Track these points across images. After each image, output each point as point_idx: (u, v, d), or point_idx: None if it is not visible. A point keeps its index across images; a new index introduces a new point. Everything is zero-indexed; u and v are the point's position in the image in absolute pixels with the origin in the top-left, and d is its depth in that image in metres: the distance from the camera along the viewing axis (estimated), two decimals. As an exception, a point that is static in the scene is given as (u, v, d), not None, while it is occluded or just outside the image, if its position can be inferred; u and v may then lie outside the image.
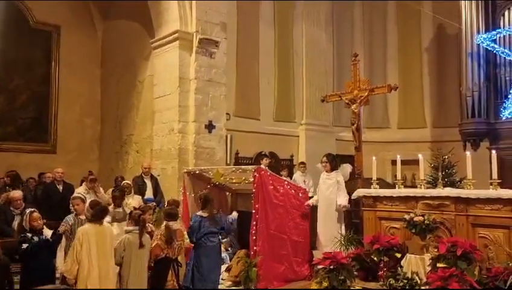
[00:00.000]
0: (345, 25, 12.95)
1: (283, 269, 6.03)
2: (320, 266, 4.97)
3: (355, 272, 5.11)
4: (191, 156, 8.53)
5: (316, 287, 4.78)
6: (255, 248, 5.74)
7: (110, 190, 7.06)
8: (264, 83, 11.28)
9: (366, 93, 6.76)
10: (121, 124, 10.62)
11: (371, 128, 12.34)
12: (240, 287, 5.54)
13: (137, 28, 9.91)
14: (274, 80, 11.61)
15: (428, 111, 12.75)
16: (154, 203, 7.00)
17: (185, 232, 5.37)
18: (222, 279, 5.71)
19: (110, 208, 5.97)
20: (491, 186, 4.90)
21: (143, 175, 8.01)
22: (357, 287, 4.85)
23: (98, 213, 4.60)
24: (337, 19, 12.80)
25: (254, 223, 5.85)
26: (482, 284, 4.31)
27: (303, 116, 11.90)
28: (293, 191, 6.58)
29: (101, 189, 7.06)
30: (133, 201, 6.85)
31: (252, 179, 6.05)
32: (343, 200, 6.33)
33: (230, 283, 5.75)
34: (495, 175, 4.95)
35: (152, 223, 5.52)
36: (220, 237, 5.75)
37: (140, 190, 7.69)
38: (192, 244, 5.40)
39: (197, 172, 6.95)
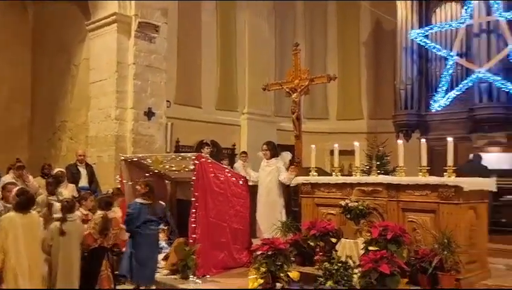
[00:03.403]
0: (287, 16, 13.09)
1: (222, 256, 6.04)
2: (258, 252, 5.01)
3: (292, 258, 5.23)
4: (128, 144, 8.29)
5: (253, 273, 4.82)
6: (194, 235, 5.69)
7: (38, 178, 6.73)
8: (206, 71, 11.17)
9: (306, 83, 6.85)
10: (54, 109, 10.10)
11: (311, 119, 12.63)
12: (178, 276, 5.49)
13: (72, 9, 9.42)
14: (216, 68, 11.53)
15: (365, 103, 13.23)
16: (90, 192, 6.74)
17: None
18: (159, 267, 5.61)
19: (43, 196, 5.70)
20: (420, 174, 5.15)
21: (77, 163, 7.70)
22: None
23: (23, 202, 4.36)
24: (279, 9, 12.90)
25: (194, 211, 5.79)
26: (410, 265, 4.54)
27: (245, 105, 11.94)
28: (233, 178, 6.58)
29: (30, 177, 6.70)
30: (65, 190, 6.58)
31: (192, 167, 5.99)
32: (283, 175, 6.42)
33: (167, 271, 5.66)
34: (424, 163, 5.21)
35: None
36: (159, 225, 5.64)
37: (75, 178, 7.40)
38: (129, 233, 5.26)
39: (135, 159, 6.76)
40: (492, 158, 8.98)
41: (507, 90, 9.19)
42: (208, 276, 5.65)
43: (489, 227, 5.92)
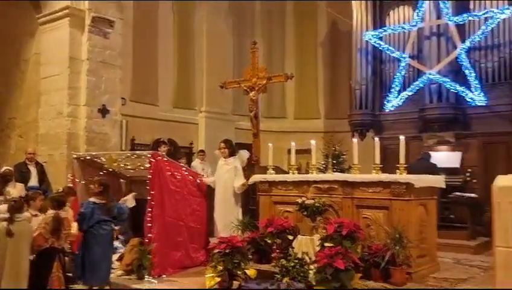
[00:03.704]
0: (245, 15, 13.10)
1: (179, 255, 5.97)
2: (216, 251, 4.98)
3: (250, 255, 5.25)
4: (81, 142, 8.04)
5: (210, 272, 4.79)
6: (149, 235, 5.59)
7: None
8: (162, 68, 11.00)
9: (264, 81, 6.91)
10: (1, 106, 9.64)
11: (269, 118, 12.72)
12: (133, 276, 5.38)
13: (21, 1, 9.02)
14: (173, 65, 11.38)
15: (322, 103, 13.45)
16: (38, 192, 6.48)
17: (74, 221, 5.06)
18: (113, 268, 5.47)
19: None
20: (373, 171, 5.29)
21: (27, 161, 7.39)
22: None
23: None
24: (237, 9, 12.88)
25: (149, 210, 5.69)
26: (364, 260, 4.66)
27: (203, 103, 11.85)
28: (191, 177, 6.51)
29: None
30: (14, 190, 6.31)
31: (147, 165, 5.87)
32: (238, 181, 6.43)
33: (121, 272, 5.53)
34: (377, 161, 5.36)
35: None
36: (113, 225, 5.49)
37: (24, 178, 7.10)
38: (81, 233, 5.09)
39: (88, 158, 6.56)
40: (442, 157, 9.32)
41: (456, 92, 9.58)
42: (164, 276, 5.57)
43: (438, 223, 6.16)
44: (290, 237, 5.41)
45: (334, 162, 9.53)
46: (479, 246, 7.30)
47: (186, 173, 6.45)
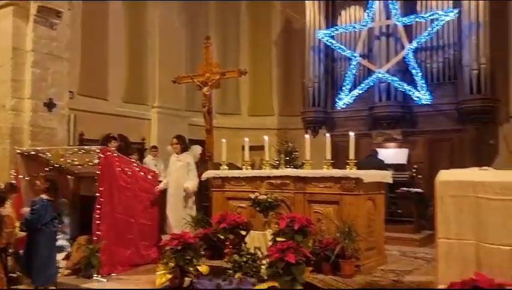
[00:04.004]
0: (199, 11, 12.94)
1: (129, 253, 5.84)
2: (167, 248, 4.91)
3: (202, 252, 5.21)
4: (26, 137, 7.64)
5: (161, 269, 4.72)
6: (98, 232, 5.43)
7: None
8: (113, 62, 10.70)
9: (217, 77, 6.87)
10: None
11: (223, 114, 12.68)
12: (81, 275, 5.21)
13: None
14: (124, 59, 11.10)
15: (276, 100, 13.55)
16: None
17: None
18: (60, 267, 5.28)
19: None
20: (324, 167, 5.39)
21: (-35, 157, 6.97)
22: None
23: None
24: (191, 4, 12.70)
25: (98, 207, 5.52)
26: (315, 254, 4.74)
27: (155, 98, 11.63)
28: (142, 173, 6.38)
29: None
30: (-50, 187, 5.92)
31: (96, 161, 5.70)
32: (190, 183, 6.37)
33: (68, 271, 5.34)
34: (328, 157, 5.46)
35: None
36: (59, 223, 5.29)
37: (-38, 174, 6.69)
38: (25, 232, 4.86)
39: (33, 153, 6.28)
40: (390, 153, 9.66)
41: (403, 91, 9.93)
42: (114, 274, 5.43)
43: (386, 217, 6.36)
44: (243, 233, 5.42)
45: (287, 158, 9.64)
46: (423, 239, 7.60)
47: (138, 169, 6.32)
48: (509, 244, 3.08)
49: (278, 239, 4.68)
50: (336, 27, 10.98)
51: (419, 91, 9.78)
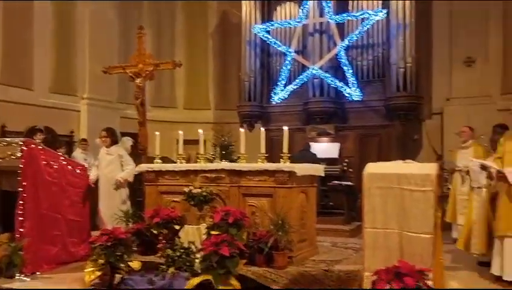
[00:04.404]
0: (132, 1, 12.53)
1: (56, 251, 5.59)
2: (97, 244, 4.74)
3: (134, 247, 5.09)
4: None
5: (91, 266, 4.55)
6: (21, 230, 5.13)
7: None
8: (39, 50, 10.10)
9: (151, 68, 6.70)
10: None
11: (158, 107, 12.41)
12: (1, 275, 4.90)
13: None
14: (52, 48, 10.52)
15: (212, 93, 13.47)
16: None
17: None
18: (-22, 268, 4.93)
19: None
20: (259, 160, 5.44)
21: None
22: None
23: None
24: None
25: (21, 202, 5.21)
26: (249, 246, 4.78)
27: (85, 89, 11.13)
28: (69, 167, 6.10)
29: None
30: None
31: (20, 154, 5.36)
32: (122, 173, 6.19)
33: (-12, 272, 5.00)
34: (263, 150, 5.52)
35: None
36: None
37: None
38: None
39: None
40: (323, 147, 9.94)
41: (335, 87, 10.25)
42: (38, 273, 5.16)
43: (318, 209, 6.56)
44: (177, 227, 5.36)
45: (223, 152, 9.63)
46: (353, 230, 7.92)
47: (65, 162, 6.03)
48: (429, 233, 3.28)
49: (212, 233, 4.67)
50: (272, 22, 11.10)
51: (350, 88, 10.14)
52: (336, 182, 8.85)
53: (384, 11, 9.97)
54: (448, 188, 7.96)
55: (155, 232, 5.34)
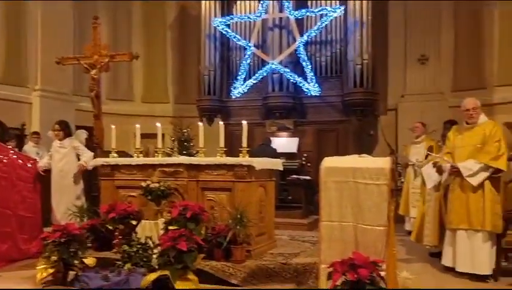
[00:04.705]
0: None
1: (6, 248, 5.40)
2: (49, 240, 4.59)
3: (89, 243, 4.97)
4: None
5: (43, 263, 4.40)
6: (-33, 227, 4.90)
7: None
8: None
9: (106, 59, 6.53)
10: None
11: (114, 100, 12.11)
12: None
13: None
14: (1, 38, 10.05)
15: (171, 87, 13.27)
16: None
17: None
18: None
19: None
20: (218, 155, 5.43)
21: None
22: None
23: None
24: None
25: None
26: (207, 241, 4.77)
27: (37, 81, 10.70)
28: (20, 161, 5.87)
29: None
30: None
31: (-35, 148, 5.12)
32: (85, 158, 6.03)
33: None
34: (222, 144, 5.51)
35: None
36: None
37: None
38: None
39: None
40: (282, 142, 10.03)
41: (294, 82, 10.35)
42: (-13, 272, 4.94)
43: (277, 203, 6.62)
44: (134, 222, 5.26)
45: (182, 146, 9.53)
46: (311, 223, 8.06)
47: (15, 156, 5.80)
48: (382, 225, 3.38)
49: (170, 228, 4.62)
50: (232, 16, 11.06)
51: (309, 83, 10.27)
52: (295, 176, 8.97)
53: (342, 8, 10.14)
54: (401, 182, 8.23)
55: (111, 227, 5.22)
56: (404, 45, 10.93)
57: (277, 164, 5.93)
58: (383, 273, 3.15)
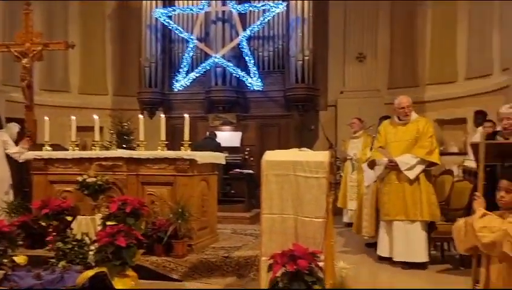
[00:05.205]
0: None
1: None
2: (-25, 239, 4.30)
3: (20, 241, 4.71)
4: None
5: (-33, 263, 4.11)
6: None
7: None
8: None
9: (39, 48, 6.18)
10: None
11: (49, 91, 11.52)
12: None
13: None
14: None
15: (110, 78, 12.82)
16: None
17: None
18: None
19: None
20: (159, 148, 5.33)
21: None
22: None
23: None
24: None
25: None
26: (147, 236, 4.68)
27: (-38, 69, 9.99)
28: None
29: None
30: None
31: None
32: (15, 148, 5.71)
33: None
34: (163, 138, 5.42)
35: None
36: None
37: None
38: None
39: None
40: (225, 136, 10.01)
41: (237, 76, 10.35)
42: None
43: (221, 197, 6.62)
44: (69, 218, 5.07)
45: (122, 139, 9.29)
46: (253, 217, 8.13)
47: None
48: (321, 217, 3.46)
49: (109, 223, 4.49)
50: (174, 7, 10.85)
51: (252, 78, 10.30)
52: (238, 170, 9.01)
53: (284, 4, 10.24)
54: (340, 176, 8.50)
55: (44, 224, 4.99)
56: (344, 43, 11.25)
57: (219, 157, 5.92)
58: (321, 264, 3.24)
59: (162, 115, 5.54)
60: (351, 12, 11.13)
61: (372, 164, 5.69)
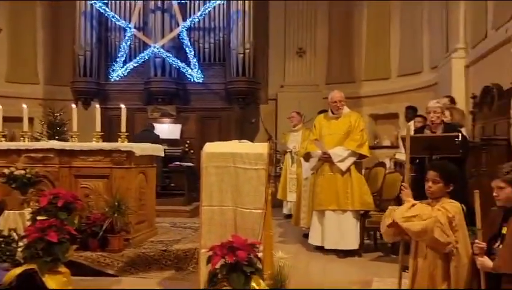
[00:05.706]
0: None
1: None
2: None
3: None
4: None
5: None
6: None
7: None
8: None
9: (-39, 31, 5.72)
10: None
11: (-29, 79, 10.75)
12: None
13: None
14: None
15: (42, 66, 12.13)
16: None
17: None
18: None
19: None
20: (94, 140, 5.14)
21: None
22: None
23: None
24: None
25: None
26: (81, 231, 4.50)
27: None
28: None
29: None
30: None
31: None
32: None
33: None
34: (98, 129, 5.22)
35: None
36: None
37: None
38: None
39: None
40: (164, 128, 9.84)
41: (177, 67, 10.18)
42: None
43: (160, 191, 6.50)
44: (-5, 214, 4.76)
45: (54, 131, 8.86)
46: (193, 210, 8.05)
47: None
48: (260, 208, 3.50)
49: (39, 218, 4.25)
50: (110, -6, 10.47)
51: (192, 69, 10.19)
52: (177, 163, 8.88)
53: (225, -4, 10.19)
54: (280, 168, 8.63)
55: (-35, 220, 4.65)
56: (284, 38, 11.40)
57: (158, 149, 5.81)
58: (260, 255, 3.27)
59: (97, 106, 5.34)
60: (291, 6, 11.31)
61: (307, 156, 5.83)
